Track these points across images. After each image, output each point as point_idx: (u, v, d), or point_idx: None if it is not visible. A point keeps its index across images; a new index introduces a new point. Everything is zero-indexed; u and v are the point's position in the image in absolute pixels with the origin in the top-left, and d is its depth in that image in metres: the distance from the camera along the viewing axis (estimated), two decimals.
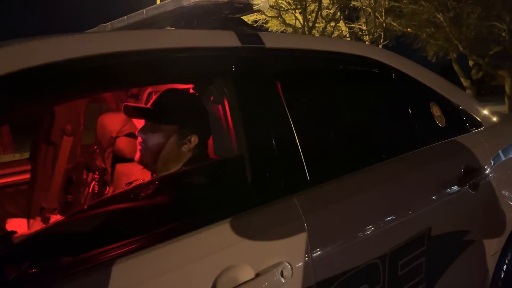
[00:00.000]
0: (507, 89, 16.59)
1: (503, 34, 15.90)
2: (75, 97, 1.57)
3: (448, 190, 1.62)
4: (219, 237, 1.04)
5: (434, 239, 1.48)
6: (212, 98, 1.30)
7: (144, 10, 1.45)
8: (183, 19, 1.38)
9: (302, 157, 1.26)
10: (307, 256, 1.13)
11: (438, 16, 15.73)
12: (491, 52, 16.74)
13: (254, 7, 1.43)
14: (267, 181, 1.19)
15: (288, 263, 1.08)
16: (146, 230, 1.02)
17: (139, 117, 1.53)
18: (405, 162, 1.56)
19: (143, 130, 1.41)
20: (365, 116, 1.61)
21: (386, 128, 1.67)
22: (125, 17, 1.53)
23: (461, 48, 16.29)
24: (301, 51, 1.47)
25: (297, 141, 1.27)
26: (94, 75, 1.05)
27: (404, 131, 1.71)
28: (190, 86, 1.46)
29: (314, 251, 1.14)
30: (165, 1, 1.38)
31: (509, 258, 1.90)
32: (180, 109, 1.41)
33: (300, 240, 1.14)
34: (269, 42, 1.37)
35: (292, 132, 1.28)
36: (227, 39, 1.29)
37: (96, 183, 2.06)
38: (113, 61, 1.07)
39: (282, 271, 1.05)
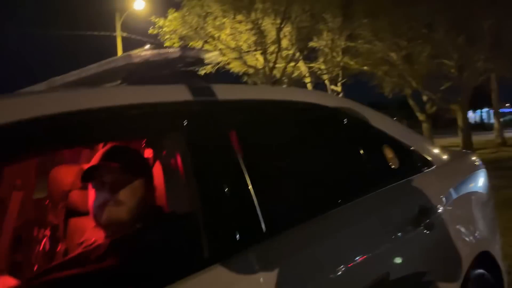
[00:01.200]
0: (459, 122, 17.47)
1: (452, 71, 16.91)
2: (24, 158, 1.52)
3: (403, 232, 1.64)
4: None
5: (393, 283, 1.49)
6: (164, 153, 1.29)
7: (95, 65, 1.44)
8: (135, 74, 1.39)
9: (257, 209, 1.25)
10: None
11: (392, 54, 16.59)
12: (442, 88, 17.71)
13: (206, 61, 1.46)
14: (222, 236, 1.17)
15: None
16: None
17: (97, 176, 1.48)
18: (360, 207, 1.58)
19: (99, 186, 1.37)
20: (320, 163, 1.64)
21: (340, 174, 1.70)
22: (77, 71, 1.52)
23: (414, 85, 17.14)
24: (253, 101, 1.50)
25: (251, 192, 1.27)
26: (45, 135, 1.03)
27: (358, 175, 1.74)
28: (143, 141, 1.45)
29: None
30: (116, 57, 1.39)
31: None
32: (135, 165, 1.38)
33: None
34: (222, 94, 1.39)
35: (246, 183, 1.28)
36: (179, 94, 1.30)
37: (48, 240, 1.96)
38: (65, 120, 1.06)
39: None
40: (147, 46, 1.33)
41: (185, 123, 1.25)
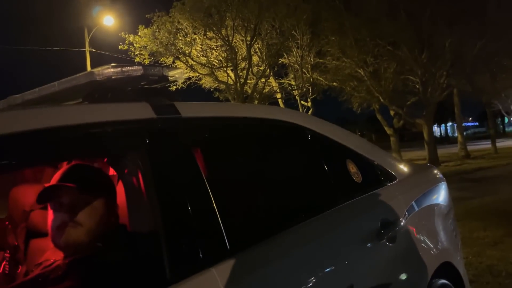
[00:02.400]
0: (425, 135, 18.03)
1: (417, 86, 17.51)
2: None
3: (367, 245, 1.68)
4: None
5: None
6: (126, 171, 1.28)
7: (56, 83, 1.42)
8: (96, 92, 1.38)
9: (221, 226, 1.26)
10: None
11: (359, 71, 17.05)
12: (408, 103, 18.29)
13: (170, 79, 1.46)
14: (183, 254, 1.17)
15: None
16: None
17: (54, 197, 1.44)
18: (324, 221, 1.61)
19: (57, 207, 1.34)
20: (284, 179, 1.66)
21: (304, 189, 1.72)
22: (36, 89, 1.49)
23: (381, 100, 17.63)
24: (217, 119, 1.51)
25: (215, 209, 1.27)
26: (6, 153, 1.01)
27: (322, 190, 1.78)
28: (105, 159, 1.43)
29: None
30: (78, 75, 1.38)
31: None
32: (95, 185, 1.36)
33: None
34: (186, 112, 1.40)
35: (210, 200, 1.28)
36: (141, 111, 1.30)
37: (7, 263, 1.89)
38: (23, 139, 1.03)
39: None
40: (112, 65, 1.32)
41: (148, 141, 1.24)
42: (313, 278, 1.39)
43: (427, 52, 16.38)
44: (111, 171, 1.52)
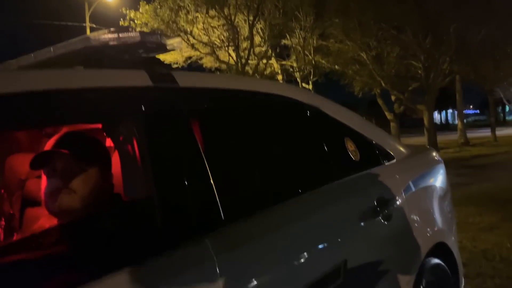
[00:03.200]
0: (425, 122, 18.00)
1: (419, 72, 17.39)
2: None
3: (362, 222, 1.68)
4: (130, 285, 0.98)
5: (350, 271, 1.52)
6: (121, 138, 1.27)
7: (51, 48, 1.39)
8: (93, 58, 1.35)
9: (216, 196, 1.25)
10: None
11: (362, 54, 16.89)
12: (410, 88, 18.20)
13: (168, 47, 1.44)
14: (178, 222, 1.16)
15: None
16: (51, 280, 0.94)
17: (48, 164, 1.43)
18: (320, 195, 1.61)
19: (51, 173, 1.33)
20: (281, 153, 1.65)
21: (301, 164, 1.71)
22: (32, 54, 1.47)
23: (383, 84, 17.53)
24: (215, 90, 1.49)
25: (211, 179, 1.26)
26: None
27: (319, 165, 1.77)
28: (99, 125, 1.42)
29: None
30: (74, 39, 1.35)
31: (424, 284, 1.99)
32: (89, 152, 1.35)
33: (212, 283, 1.11)
34: (183, 82, 1.38)
35: (206, 170, 1.27)
36: (138, 79, 1.27)
37: (2, 231, 1.89)
38: (20, 100, 1.02)
39: None
40: (108, 30, 1.29)
41: (144, 109, 1.22)
42: (307, 251, 1.40)
43: (431, 37, 16.22)
44: (104, 140, 1.51)
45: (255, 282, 1.21)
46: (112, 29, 1.32)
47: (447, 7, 15.05)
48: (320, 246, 1.46)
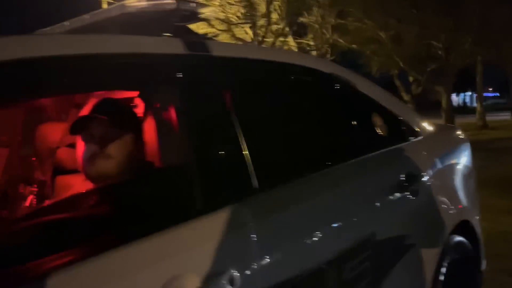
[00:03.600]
0: (443, 103, 17.69)
1: (439, 52, 17.00)
2: (10, 102, 1.48)
3: (390, 196, 1.68)
4: (164, 246, 1.01)
5: (378, 243, 1.53)
6: (158, 105, 1.28)
7: (87, 15, 1.41)
8: (128, 25, 1.36)
9: (250, 164, 1.26)
10: (255, 264, 1.12)
11: (380, 34, 16.55)
12: (428, 69, 17.83)
13: (201, 16, 1.44)
14: (214, 188, 1.18)
15: (236, 271, 1.07)
16: (90, 239, 0.97)
17: (86, 129, 1.46)
18: (350, 169, 1.61)
19: (88, 138, 1.35)
20: (312, 125, 1.65)
21: (331, 136, 1.71)
22: (67, 22, 1.48)
23: (401, 65, 17.20)
24: (248, 60, 1.49)
25: (244, 148, 1.27)
26: (35, 78, 1.00)
27: (349, 138, 1.77)
28: (136, 92, 1.43)
29: (262, 258, 1.14)
30: (110, 7, 1.35)
31: (448, 260, 2.00)
32: (125, 119, 1.37)
33: (247, 247, 1.13)
34: (216, 51, 1.38)
35: (240, 140, 1.28)
36: (174, 46, 1.28)
37: (35, 197, 1.95)
38: (56, 64, 1.03)
39: (229, 280, 1.04)
40: None
41: (180, 76, 1.23)
42: (338, 221, 1.41)
43: (452, 17, 15.77)
44: (140, 107, 1.52)
45: (285, 249, 1.23)
46: None
47: None
48: (351, 217, 1.47)
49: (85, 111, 1.39)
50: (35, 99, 1.85)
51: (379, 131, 1.90)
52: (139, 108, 1.50)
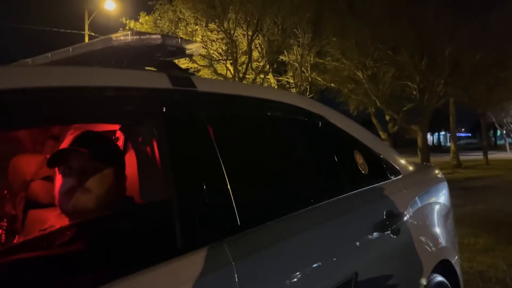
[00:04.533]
0: (419, 142, 18.13)
1: (414, 93, 17.59)
2: None
3: (372, 235, 1.67)
4: (144, 286, 0.96)
5: (360, 284, 1.50)
6: (140, 139, 1.25)
7: (70, 48, 1.39)
8: (113, 59, 1.34)
9: (233, 202, 1.24)
10: None
11: (358, 73, 17.07)
12: (404, 109, 18.37)
13: (186, 51, 1.44)
14: (195, 226, 1.14)
15: None
16: (64, 280, 0.92)
17: (65, 161, 1.41)
18: (332, 207, 1.60)
19: (67, 172, 1.31)
20: (294, 163, 1.65)
21: (313, 174, 1.71)
22: (49, 53, 1.46)
23: (378, 104, 17.69)
24: (233, 96, 1.49)
25: (228, 185, 1.25)
26: (13, 110, 0.97)
27: (330, 177, 1.76)
28: (117, 126, 1.40)
29: None
30: (94, 40, 1.34)
31: None
32: (106, 153, 1.34)
33: (229, 287, 1.09)
34: (201, 86, 1.37)
35: (223, 176, 1.26)
36: (159, 81, 1.27)
37: (4, 232, 1.85)
38: (36, 96, 1.00)
39: None
40: (130, 31, 1.29)
41: (163, 111, 1.22)
42: (319, 261, 1.38)
43: (426, 59, 16.45)
44: (121, 141, 1.49)
45: None
46: (133, 30, 1.32)
47: (443, 31, 15.32)
48: (333, 256, 1.44)
49: (65, 143, 1.34)
50: (12, 131, 1.80)
51: (360, 169, 1.91)
52: (120, 142, 1.47)
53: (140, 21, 15.87)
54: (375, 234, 1.68)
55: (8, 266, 1.00)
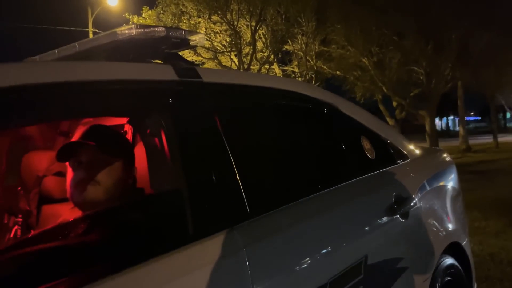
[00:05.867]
0: (427, 128, 17.99)
1: (421, 78, 17.42)
2: None
3: (381, 219, 1.68)
4: (156, 275, 0.98)
5: (370, 267, 1.52)
6: (148, 131, 1.27)
7: (76, 43, 1.41)
8: (118, 52, 1.36)
9: (242, 189, 1.26)
10: None
11: (364, 60, 16.93)
12: (411, 94, 18.21)
13: (191, 43, 1.45)
14: (205, 214, 1.17)
15: None
16: (78, 269, 0.95)
17: (74, 155, 1.44)
18: (341, 192, 1.61)
19: (76, 165, 1.33)
20: (302, 150, 1.66)
21: (321, 161, 1.72)
22: (56, 50, 1.48)
23: (385, 90, 17.55)
24: (238, 86, 1.50)
25: (236, 174, 1.27)
26: (23, 106, 0.99)
27: (338, 163, 1.77)
28: (126, 119, 1.42)
29: (255, 284, 1.12)
30: (99, 35, 1.36)
31: (439, 284, 1.99)
32: (114, 145, 1.36)
33: (241, 273, 1.11)
34: (207, 77, 1.39)
35: (232, 165, 1.27)
36: (164, 73, 1.28)
37: (19, 227, 1.89)
38: (46, 91, 1.02)
39: None
40: (135, 25, 1.31)
41: (171, 102, 1.23)
42: (329, 245, 1.40)
43: (433, 44, 16.26)
44: (129, 133, 1.51)
45: (279, 274, 1.21)
46: (137, 24, 1.33)
47: (449, 14, 15.11)
48: (343, 241, 1.46)
49: (74, 138, 1.37)
50: (23, 127, 1.83)
51: (368, 154, 1.92)
52: (129, 134, 1.49)
53: (143, 15, 15.87)
54: (384, 218, 1.69)
55: (24, 258, 1.03)
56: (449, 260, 2.09)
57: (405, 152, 2.18)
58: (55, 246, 1.11)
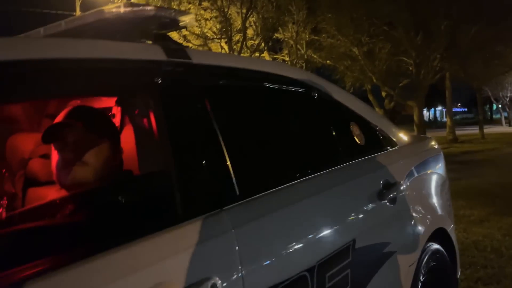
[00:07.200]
0: (415, 118, 18.15)
1: (410, 68, 17.51)
2: None
3: (369, 204, 1.69)
4: (145, 254, 0.98)
5: (358, 251, 1.53)
6: (137, 112, 1.25)
7: (62, 21, 1.37)
8: (105, 31, 1.33)
9: (231, 172, 1.25)
10: (237, 271, 1.10)
11: (354, 50, 16.94)
12: (400, 84, 18.32)
13: (180, 24, 1.42)
14: (193, 196, 1.16)
15: (218, 278, 1.04)
16: (65, 249, 0.93)
17: (60, 136, 1.41)
18: (330, 177, 1.61)
19: (63, 146, 1.31)
20: (291, 133, 1.65)
21: (310, 145, 1.72)
22: (41, 28, 1.44)
23: (374, 80, 17.62)
24: (228, 68, 1.48)
25: (225, 155, 1.26)
26: (6, 82, 0.96)
27: (328, 148, 1.78)
28: (114, 98, 1.40)
29: (244, 265, 1.12)
30: (86, 13, 1.33)
31: (424, 268, 2.02)
32: (100, 125, 1.33)
33: (229, 254, 1.11)
34: (196, 58, 1.37)
35: (221, 146, 1.26)
36: (153, 52, 1.26)
37: (4, 210, 1.86)
38: (30, 68, 0.99)
39: (211, 287, 1.01)
40: (123, 3, 1.28)
41: (160, 82, 1.21)
42: (317, 229, 1.41)
43: (422, 34, 16.32)
44: (117, 114, 1.49)
45: (267, 256, 1.22)
46: (126, 2, 1.30)
47: (438, 5, 15.15)
48: (331, 225, 1.47)
49: (58, 118, 1.34)
50: (6, 104, 1.79)
51: (357, 140, 1.92)
52: (117, 115, 1.47)
53: (132, 1, 15.63)
54: (372, 203, 1.70)
55: (11, 237, 1.01)
56: (434, 246, 2.12)
57: (394, 139, 2.19)
58: (41, 225, 1.09)
